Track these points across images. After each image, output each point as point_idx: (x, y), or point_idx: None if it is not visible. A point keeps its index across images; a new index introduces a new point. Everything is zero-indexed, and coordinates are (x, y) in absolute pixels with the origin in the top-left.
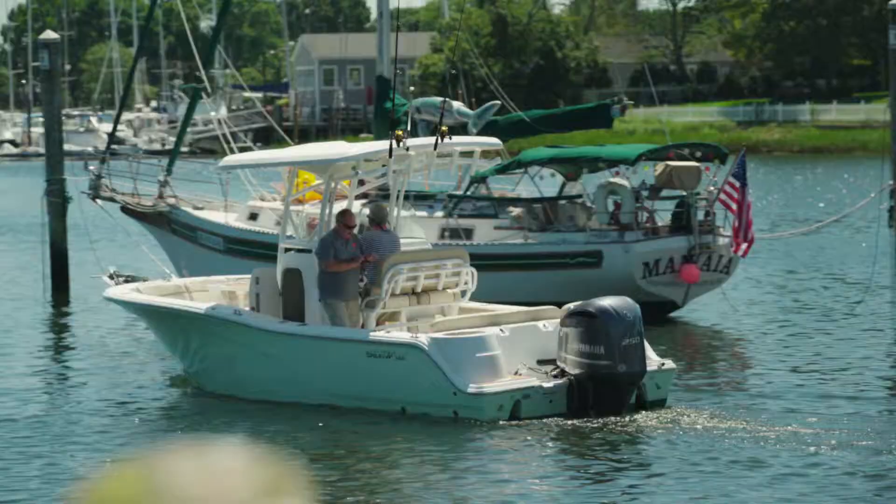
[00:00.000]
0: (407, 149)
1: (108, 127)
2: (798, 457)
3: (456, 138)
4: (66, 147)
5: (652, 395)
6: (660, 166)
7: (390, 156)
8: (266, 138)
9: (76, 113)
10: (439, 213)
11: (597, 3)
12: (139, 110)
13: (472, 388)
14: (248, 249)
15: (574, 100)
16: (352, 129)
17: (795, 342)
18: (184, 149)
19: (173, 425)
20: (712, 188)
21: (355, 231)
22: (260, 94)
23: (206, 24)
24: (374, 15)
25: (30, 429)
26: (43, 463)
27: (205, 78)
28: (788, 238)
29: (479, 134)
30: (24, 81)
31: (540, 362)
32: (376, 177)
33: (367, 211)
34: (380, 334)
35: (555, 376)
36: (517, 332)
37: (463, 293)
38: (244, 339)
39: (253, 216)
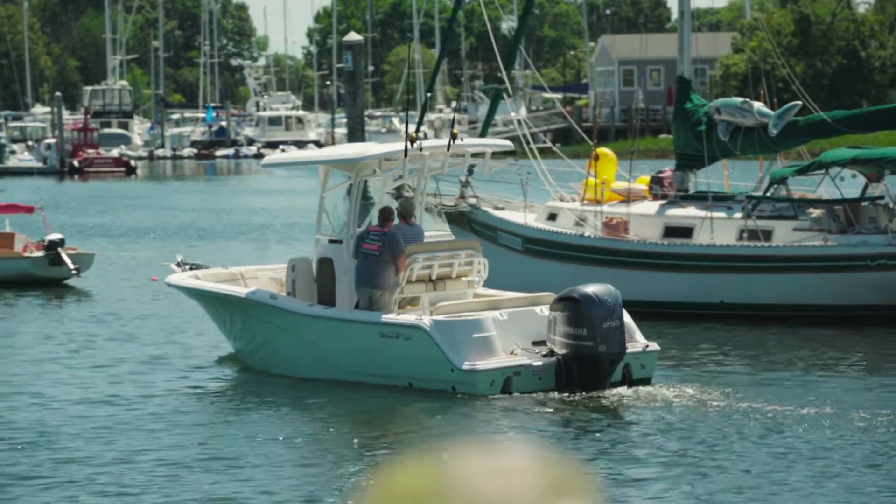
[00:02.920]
0: (420, 149)
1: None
2: (776, 433)
3: (467, 140)
4: None
5: (637, 374)
6: None
7: (405, 156)
8: (565, 139)
9: (378, 114)
10: (738, 215)
11: None
12: (440, 111)
13: (466, 366)
14: (546, 249)
15: (878, 100)
16: (651, 130)
17: None
18: None
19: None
20: None
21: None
22: (560, 95)
23: (508, 25)
24: (674, 15)
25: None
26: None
27: (506, 79)
28: None
29: (781, 135)
30: (328, 83)
31: (534, 343)
32: (395, 175)
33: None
34: (390, 317)
35: (544, 356)
36: (515, 316)
37: (476, 280)
38: (278, 320)
39: (552, 216)
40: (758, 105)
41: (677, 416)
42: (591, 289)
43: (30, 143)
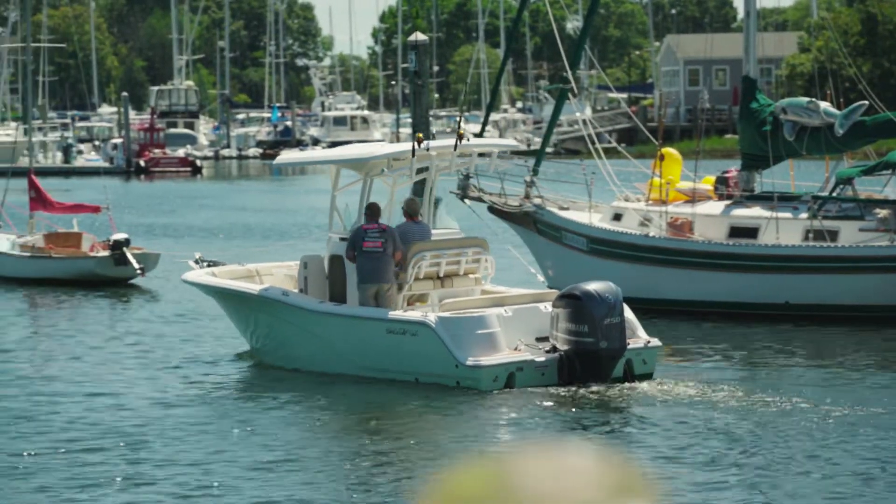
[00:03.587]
0: (427, 149)
1: (473, 128)
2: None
3: (474, 140)
4: None
5: (639, 370)
6: None
7: (413, 156)
8: (630, 139)
9: (443, 114)
10: (804, 215)
11: None
12: (505, 111)
13: (470, 361)
14: (611, 250)
15: None
16: (716, 130)
17: None
18: (549, 149)
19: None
20: None
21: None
22: (625, 95)
23: (573, 24)
24: (740, 15)
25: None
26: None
27: (571, 78)
28: None
29: (847, 135)
30: (393, 83)
31: (538, 339)
32: (404, 174)
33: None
34: (397, 313)
35: (547, 352)
36: (519, 313)
37: (484, 278)
38: (289, 317)
39: (617, 216)
40: (824, 105)
41: (679, 411)
42: (593, 286)
43: (97, 143)
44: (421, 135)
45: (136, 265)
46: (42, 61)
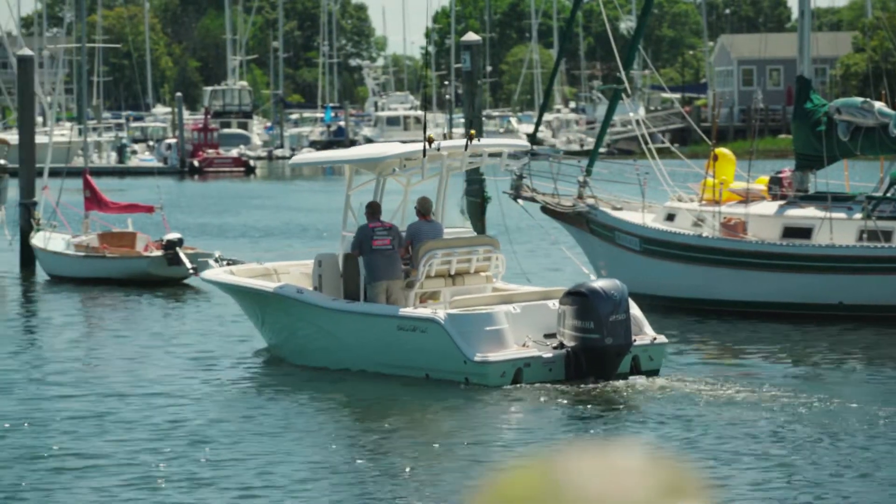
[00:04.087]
0: (438, 149)
1: (527, 128)
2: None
3: (484, 140)
4: None
5: (646, 366)
6: None
7: (424, 156)
8: (683, 139)
9: (496, 114)
10: (858, 215)
11: None
12: (558, 111)
13: (478, 357)
14: (664, 250)
15: None
16: (770, 130)
17: None
18: (602, 149)
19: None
20: None
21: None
22: (678, 95)
23: (626, 24)
24: (795, 14)
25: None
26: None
27: (624, 79)
28: None
29: None
30: (446, 83)
31: (546, 336)
32: (416, 173)
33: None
34: (407, 310)
35: (555, 348)
36: (528, 310)
37: (495, 276)
38: (303, 314)
39: (670, 217)
40: (879, 105)
41: (682, 407)
42: (599, 284)
43: (151, 143)
44: (433, 135)
45: (188, 265)
46: (97, 62)
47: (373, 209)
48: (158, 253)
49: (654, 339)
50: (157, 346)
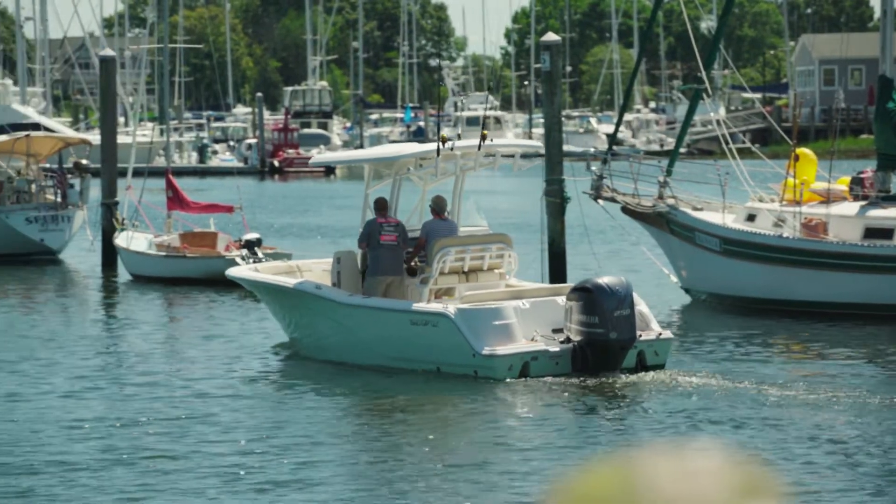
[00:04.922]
0: (452, 149)
1: (606, 128)
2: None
3: (497, 140)
4: (566, 148)
5: (651, 361)
6: None
7: (437, 155)
8: (764, 139)
9: (576, 114)
10: None
11: None
12: (638, 111)
13: (486, 351)
14: (744, 250)
15: None
16: (852, 130)
17: None
18: (682, 150)
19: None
20: None
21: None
22: (759, 95)
23: (707, 24)
24: (877, 14)
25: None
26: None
27: (705, 78)
28: None
29: None
30: (526, 83)
31: (554, 331)
32: (430, 173)
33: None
34: (420, 305)
35: (562, 342)
36: (536, 305)
37: (508, 272)
38: (321, 309)
39: (750, 217)
40: None
41: (687, 400)
42: (604, 280)
43: (231, 143)
44: (445, 134)
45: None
46: (178, 62)
47: (380, 205)
48: (237, 253)
49: (660, 334)
50: (237, 345)
